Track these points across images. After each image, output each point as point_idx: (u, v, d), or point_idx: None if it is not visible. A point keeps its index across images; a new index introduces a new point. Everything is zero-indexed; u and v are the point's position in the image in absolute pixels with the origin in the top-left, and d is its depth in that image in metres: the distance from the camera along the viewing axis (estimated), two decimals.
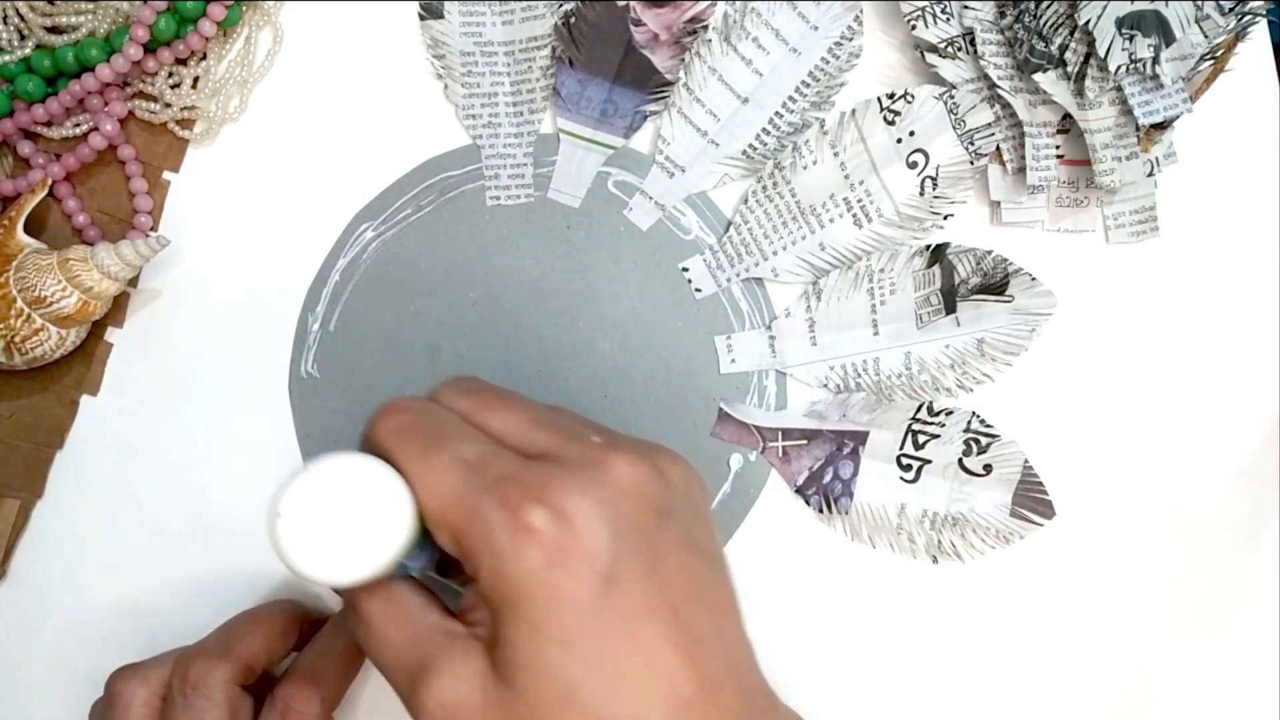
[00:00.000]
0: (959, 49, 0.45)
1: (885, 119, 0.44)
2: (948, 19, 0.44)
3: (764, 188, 0.44)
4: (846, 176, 0.44)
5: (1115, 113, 0.44)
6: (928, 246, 0.44)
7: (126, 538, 0.45)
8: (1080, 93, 0.43)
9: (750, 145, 0.45)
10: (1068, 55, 0.43)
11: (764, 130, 0.45)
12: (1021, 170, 0.45)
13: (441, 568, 0.34)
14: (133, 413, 0.45)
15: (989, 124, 0.44)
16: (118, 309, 0.45)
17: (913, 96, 0.44)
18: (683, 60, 0.45)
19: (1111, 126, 0.44)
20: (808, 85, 0.45)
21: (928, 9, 0.44)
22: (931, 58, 0.44)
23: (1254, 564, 0.46)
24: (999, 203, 0.45)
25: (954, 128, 0.44)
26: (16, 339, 0.42)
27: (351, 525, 0.29)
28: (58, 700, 0.44)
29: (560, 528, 0.30)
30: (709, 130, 0.45)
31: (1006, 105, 0.44)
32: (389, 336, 0.45)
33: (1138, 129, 0.44)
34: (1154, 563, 0.45)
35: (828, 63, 0.45)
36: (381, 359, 0.45)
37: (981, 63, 0.44)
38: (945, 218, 0.44)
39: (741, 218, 0.45)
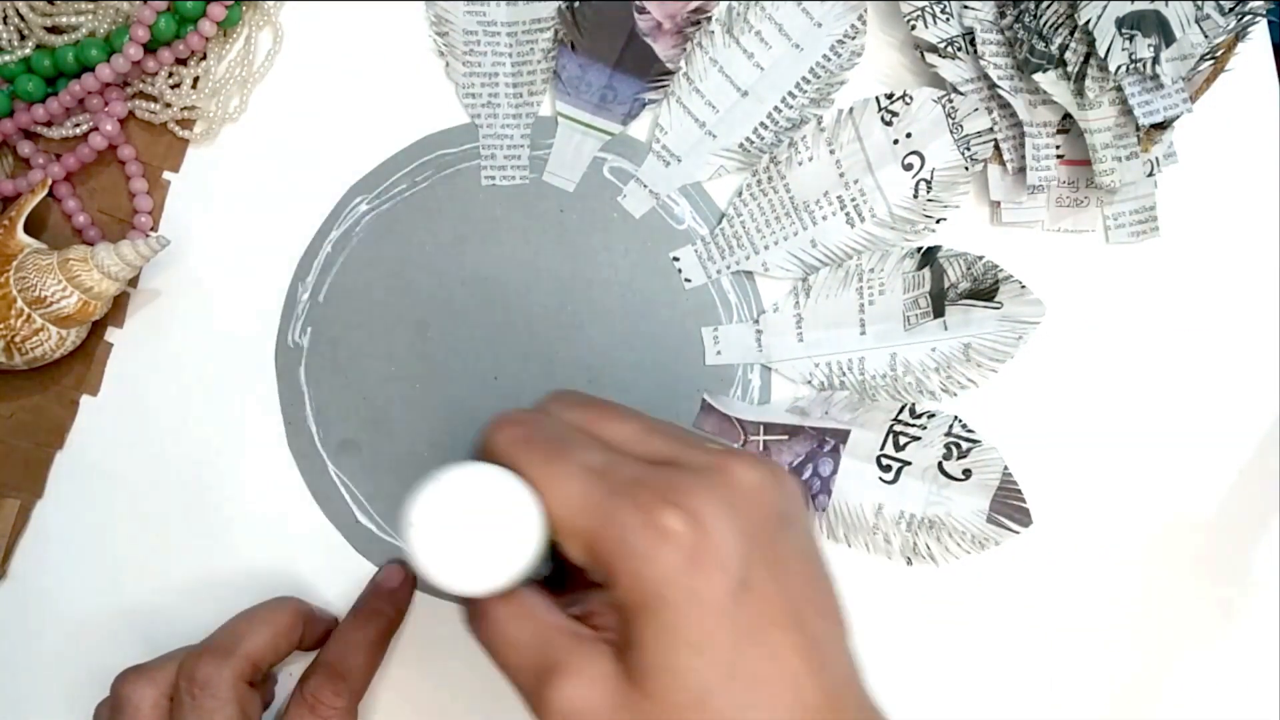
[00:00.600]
0: (959, 49, 0.45)
1: (883, 119, 0.44)
2: (947, 19, 0.45)
3: (758, 181, 0.45)
4: (841, 175, 0.44)
5: (1115, 113, 0.45)
6: (919, 249, 0.44)
7: (126, 538, 0.45)
8: (1080, 93, 0.44)
9: (747, 139, 0.45)
10: (1068, 55, 0.44)
11: (762, 124, 0.45)
12: (1022, 170, 0.45)
13: (553, 581, 0.35)
14: (133, 413, 0.46)
15: (986, 130, 0.44)
16: (118, 309, 0.46)
17: (911, 98, 0.44)
18: (684, 50, 0.45)
19: (1111, 126, 0.45)
20: (808, 81, 0.45)
21: (927, 9, 0.45)
22: (931, 58, 0.45)
23: (1253, 564, 0.46)
24: (999, 202, 0.46)
25: (951, 132, 0.44)
26: (17, 339, 0.42)
27: (484, 534, 0.29)
28: (58, 700, 0.44)
29: (695, 530, 0.30)
30: (707, 121, 0.45)
31: (1006, 105, 0.45)
32: (377, 310, 0.45)
33: (1138, 129, 0.45)
34: (1153, 563, 0.46)
35: (829, 60, 0.45)
36: (369, 332, 0.45)
37: (981, 63, 0.45)
38: (938, 221, 0.45)
39: (735, 210, 0.45)
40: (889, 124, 0.45)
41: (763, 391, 0.46)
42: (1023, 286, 0.45)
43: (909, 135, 0.45)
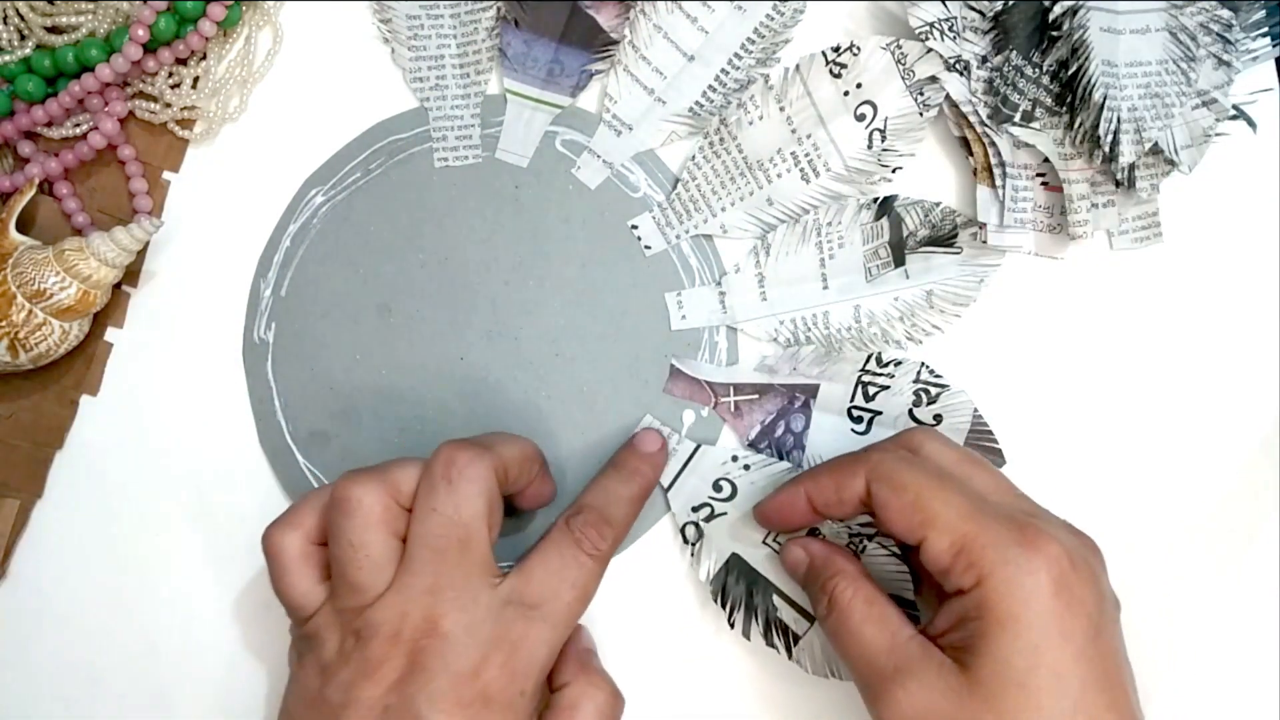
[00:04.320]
0: (965, 66, 0.47)
1: (831, 72, 0.45)
2: (954, 37, 0.47)
3: (710, 144, 0.46)
4: (793, 131, 0.44)
5: (1095, 163, 0.46)
6: (875, 199, 0.43)
7: (126, 538, 0.47)
8: (1061, 141, 0.46)
9: (697, 102, 0.48)
10: (1037, 111, 0.46)
11: (710, 87, 0.48)
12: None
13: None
14: (133, 413, 0.48)
15: (937, 76, 0.42)
16: (118, 309, 0.48)
17: (859, 48, 0.44)
18: (628, 18, 0.47)
19: (1090, 177, 0.46)
20: (753, 42, 0.47)
21: (936, 25, 0.47)
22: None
23: (1253, 564, 0.46)
24: (984, 224, 0.47)
25: (903, 79, 0.43)
26: (20, 335, 0.44)
27: None
28: (58, 700, 0.46)
29: (1065, 565, 0.34)
30: (656, 88, 0.46)
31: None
32: (339, 300, 0.49)
33: (1116, 182, 0.46)
34: (1153, 562, 0.46)
35: (772, 19, 0.47)
36: (333, 321, 0.49)
37: (972, 100, 0.47)
38: (894, 170, 0.46)
39: (689, 174, 0.46)
40: (838, 76, 0.45)
41: (730, 352, 0.48)
42: (981, 225, 0.46)
43: (859, 85, 0.46)
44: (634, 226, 0.48)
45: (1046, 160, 0.46)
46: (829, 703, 0.45)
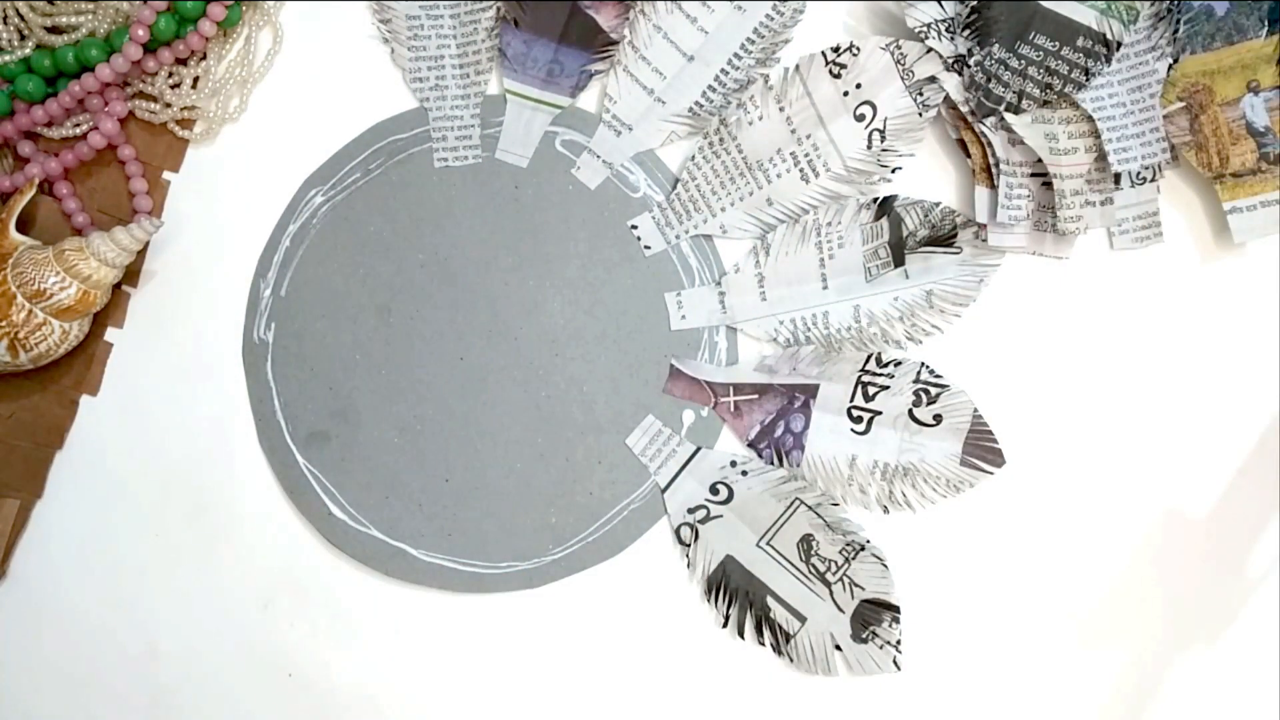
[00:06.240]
0: (964, 64, 0.47)
1: (831, 72, 0.45)
2: (952, 37, 0.47)
3: (710, 144, 0.47)
4: (793, 131, 0.45)
5: (1090, 159, 0.47)
6: (875, 199, 0.43)
7: (126, 537, 0.47)
8: (1054, 136, 0.47)
9: (697, 103, 0.49)
10: (1024, 104, 0.46)
11: (710, 87, 0.49)
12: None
13: None
14: (133, 413, 0.48)
15: (936, 76, 0.42)
16: (118, 309, 0.48)
17: (859, 49, 0.44)
18: (627, 19, 0.46)
19: (1085, 173, 0.46)
20: (753, 42, 0.48)
21: (933, 26, 0.47)
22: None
23: (1253, 565, 0.47)
24: (984, 225, 0.48)
25: (902, 79, 0.43)
26: (20, 335, 0.44)
27: None
28: (58, 700, 0.46)
29: None
30: (655, 88, 0.47)
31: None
32: (339, 299, 0.49)
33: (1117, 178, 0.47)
34: (1153, 560, 0.47)
35: (772, 19, 0.47)
36: (332, 321, 0.49)
37: (967, 98, 0.47)
38: (893, 170, 0.46)
39: (689, 175, 0.47)
40: (837, 76, 0.45)
41: (729, 352, 0.49)
42: (981, 225, 0.46)
43: (859, 86, 0.46)
44: (634, 226, 0.48)
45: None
46: (819, 700, 0.46)
